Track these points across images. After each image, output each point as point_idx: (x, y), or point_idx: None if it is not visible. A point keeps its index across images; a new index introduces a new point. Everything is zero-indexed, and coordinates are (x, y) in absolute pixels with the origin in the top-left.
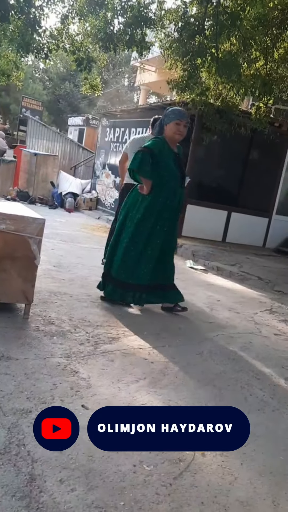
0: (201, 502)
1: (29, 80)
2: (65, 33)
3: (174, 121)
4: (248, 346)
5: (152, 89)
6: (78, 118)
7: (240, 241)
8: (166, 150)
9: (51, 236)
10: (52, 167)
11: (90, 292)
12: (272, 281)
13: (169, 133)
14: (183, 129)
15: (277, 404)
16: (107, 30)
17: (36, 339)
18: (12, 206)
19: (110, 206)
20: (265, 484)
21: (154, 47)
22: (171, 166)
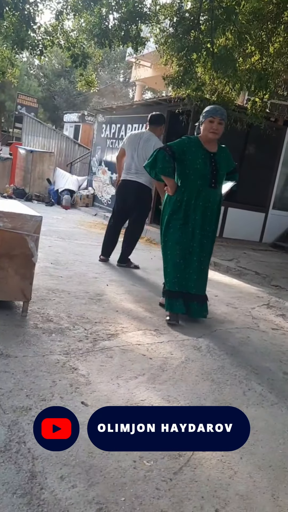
0: (201, 496)
1: (24, 76)
2: (60, 29)
3: (207, 119)
4: (246, 341)
5: (148, 85)
6: (73, 114)
7: (237, 236)
8: (194, 148)
9: (48, 233)
10: (48, 164)
11: (88, 289)
12: (269, 275)
13: (203, 132)
14: (216, 126)
15: (276, 398)
16: (102, 26)
17: (35, 337)
18: (9, 204)
19: (107, 202)
20: (264, 478)
21: (149, 43)
22: (198, 164)
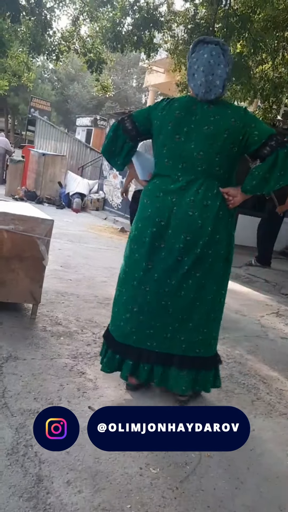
0: (207, 506)
1: (38, 80)
2: (76, 35)
3: None
4: (255, 349)
5: (161, 90)
6: (86, 118)
7: (246, 243)
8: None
9: (58, 236)
10: (59, 167)
11: (97, 292)
12: (279, 283)
13: None
14: None
15: (284, 409)
16: (115, 30)
17: (43, 340)
18: (20, 206)
19: (117, 207)
20: (271, 489)
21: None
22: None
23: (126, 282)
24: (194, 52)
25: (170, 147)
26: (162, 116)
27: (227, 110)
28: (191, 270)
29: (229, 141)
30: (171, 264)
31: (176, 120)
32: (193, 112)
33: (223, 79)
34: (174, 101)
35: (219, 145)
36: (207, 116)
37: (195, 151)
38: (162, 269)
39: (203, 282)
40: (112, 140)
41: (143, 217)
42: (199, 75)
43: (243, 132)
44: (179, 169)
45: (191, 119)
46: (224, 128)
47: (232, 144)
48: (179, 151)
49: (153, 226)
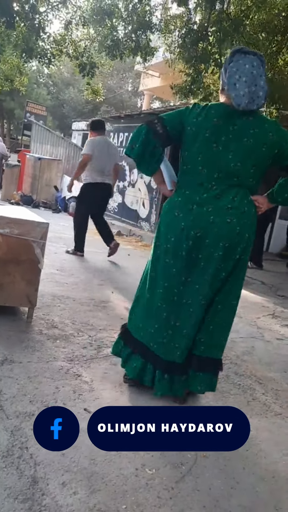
0: (203, 506)
1: (34, 85)
2: (68, 39)
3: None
4: (251, 350)
5: (156, 94)
6: (82, 123)
7: None
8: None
9: (54, 240)
10: (56, 172)
11: (93, 296)
12: (275, 285)
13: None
14: None
15: (280, 409)
16: (113, 37)
17: (39, 343)
18: (16, 210)
19: (113, 210)
20: (267, 489)
21: (157, 52)
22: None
23: (166, 298)
24: (232, 62)
25: (206, 155)
26: (198, 122)
27: (264, 124)
28: (228, 277)
29: (266, 155)
30: (211, 273)
31: (213, 128)
32: (231, 122)
33: (265, 90)
34: (210, 108)
35: (256, 158)
36: (247, 128)
37: (233, 162)
38: (203, 280)
39: (230, 288)
40: (144, 144)
41: (176, 230)
42: (241, 85)
43: (278, 147)
44: (214, 178)
45: (229, 129)
46: (263, 142)
47: (268, 157)
48: (215, 160)
49: (189, 239)
